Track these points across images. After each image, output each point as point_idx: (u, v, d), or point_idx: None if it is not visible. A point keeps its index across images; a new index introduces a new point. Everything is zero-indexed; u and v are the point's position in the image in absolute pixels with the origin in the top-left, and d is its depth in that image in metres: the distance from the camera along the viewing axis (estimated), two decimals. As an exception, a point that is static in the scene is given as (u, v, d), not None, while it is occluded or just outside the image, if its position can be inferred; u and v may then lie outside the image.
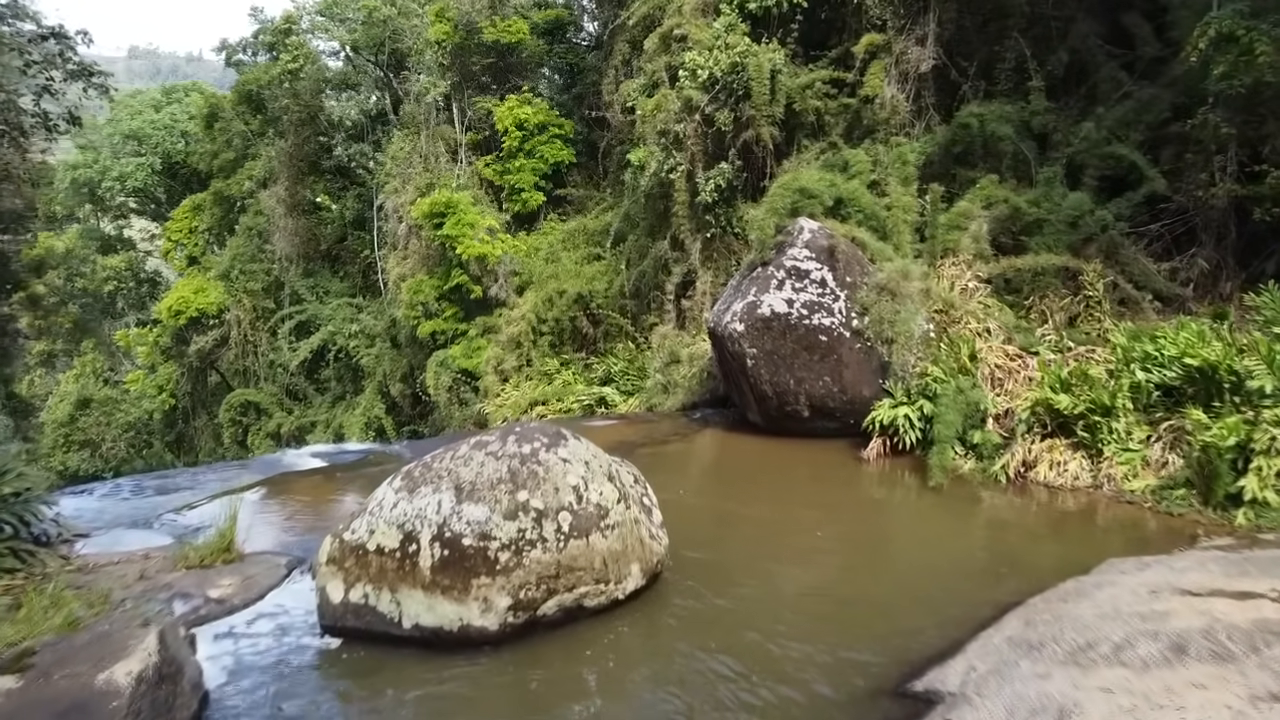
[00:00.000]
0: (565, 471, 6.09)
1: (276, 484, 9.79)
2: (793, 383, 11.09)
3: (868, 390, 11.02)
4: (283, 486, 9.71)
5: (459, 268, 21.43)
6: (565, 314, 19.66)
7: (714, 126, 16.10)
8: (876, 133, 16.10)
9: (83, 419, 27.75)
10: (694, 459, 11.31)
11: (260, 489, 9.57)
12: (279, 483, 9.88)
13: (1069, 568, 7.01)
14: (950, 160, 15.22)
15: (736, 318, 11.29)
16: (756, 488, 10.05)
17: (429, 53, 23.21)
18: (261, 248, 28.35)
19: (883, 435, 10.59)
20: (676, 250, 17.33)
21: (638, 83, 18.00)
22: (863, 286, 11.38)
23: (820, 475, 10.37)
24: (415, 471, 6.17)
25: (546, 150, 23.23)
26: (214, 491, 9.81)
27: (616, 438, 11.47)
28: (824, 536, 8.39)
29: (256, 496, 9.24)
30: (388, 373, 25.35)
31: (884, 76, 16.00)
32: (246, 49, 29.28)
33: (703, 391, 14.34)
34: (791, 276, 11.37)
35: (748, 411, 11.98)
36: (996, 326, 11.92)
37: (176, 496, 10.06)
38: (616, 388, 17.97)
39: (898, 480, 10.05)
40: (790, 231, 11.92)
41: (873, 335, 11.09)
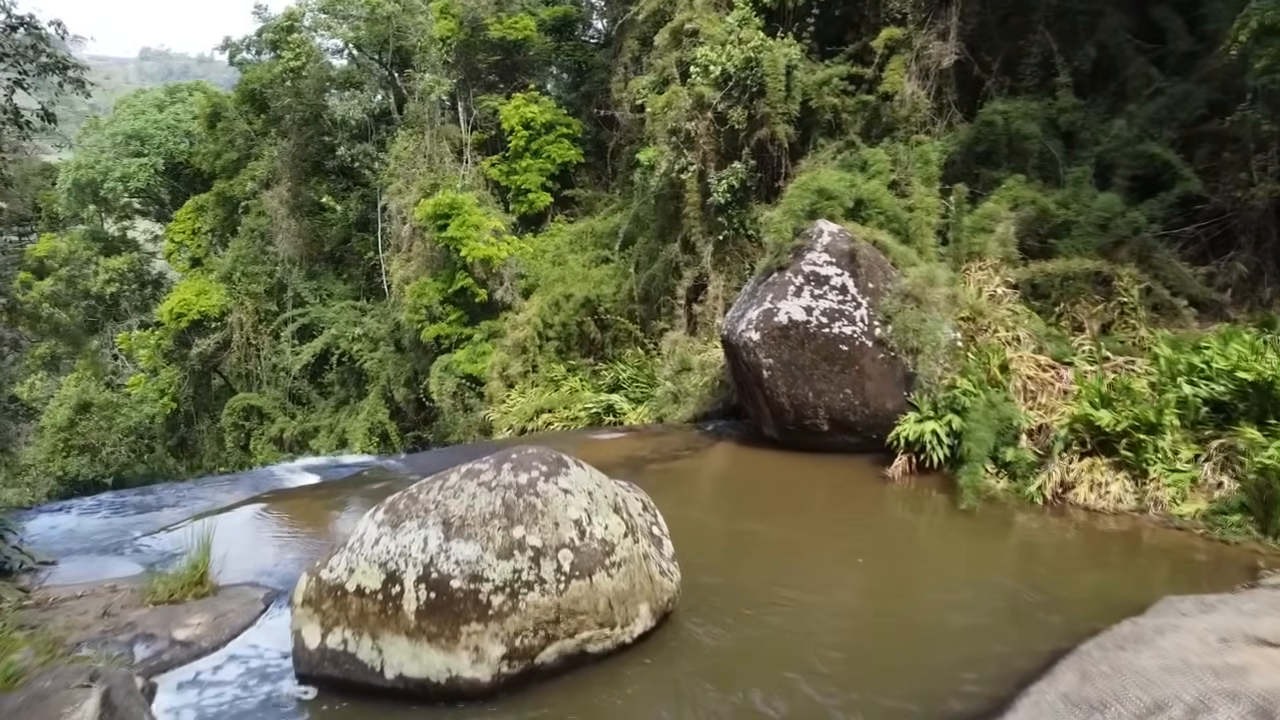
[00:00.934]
0: (566, 504, 5.47)
1: (263, 504, 9.20)
2: (811, 395, 10.46)
3: (891, 403, 10.38)
4: (269, 506, 9.12)
5: (463, 270, 20.92)
6: (572, 318, 19.08)
7: (727, 124, 15.49)
8: (896, 131, 15.49)
9: (82, 423, 27.27)
10: (706, 476, 10.68)
11: (245, 508, 8.99)
12: (266, 502, 9.29)
13: (1121, 606, 6.36)
14: (973, 160, 14.63)
15: (752, 326, 10.66)
16: (773, 509, 9.42)
17: (433, 50, 22.66)
18: (264, 249, 27.84)
19: (908, 452, 9.94)
20: (687, 253, 16.72)
21: (647, 79, 17.38)
22: (886, 293, 10.74)
23: (842, 495, 9.73)
24: (400, 504, 5.56)
25: (554, 150, 22.70)
26: (196, 511, 9.23)
27: (624, 452, 10.88)
28: (849, 563, 7.77)
29: (240, 518, 8.66)
30: (391, 377, 24.83)
31: (904, 72, 15.37)
32: (250, 47, 28.76)
33: (715, 401, 13.72)
34: (810, 282, 10.74)
35: (763, 425, 11.35)
36: (1026, 335, 11.26)
37: (158, 515, 9.50)
38: (625, 395, 17.37)
39: (925, 501, 9.41)
40: (809, 235, 11.29)
41: (897, 345, 10.45)
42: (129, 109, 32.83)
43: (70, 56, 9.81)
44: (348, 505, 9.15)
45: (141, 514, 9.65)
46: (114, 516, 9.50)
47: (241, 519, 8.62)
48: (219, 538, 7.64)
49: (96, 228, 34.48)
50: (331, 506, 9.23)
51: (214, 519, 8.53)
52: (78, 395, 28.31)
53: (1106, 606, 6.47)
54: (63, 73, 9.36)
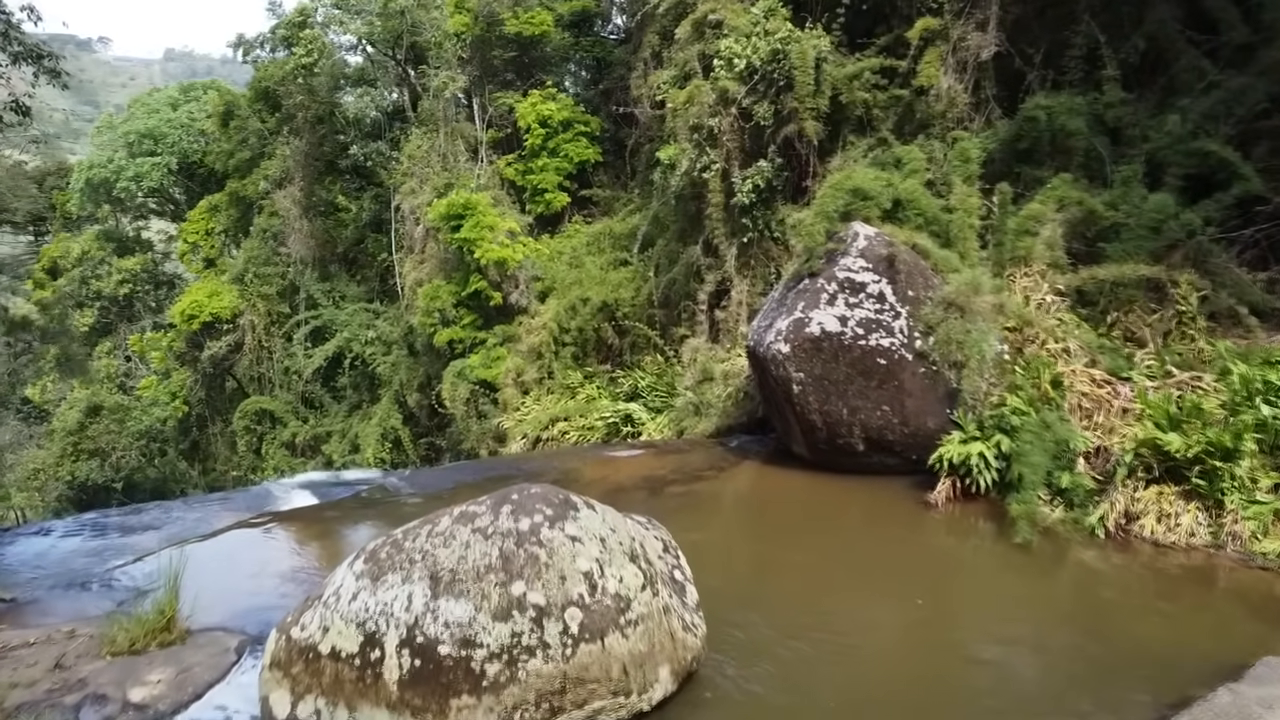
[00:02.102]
0: (574, 554, 4.71)
1: (252, 528, 8.50)
2: (846, 412, 9.64)
3: (933, 421, 9.55)
4: (258, 532, 8.41)
5: (477, 273, 20.26)
6: (589, 323, 18.36)
7: (752, 121, 14.71)
8: (931, 127, 14.67)
9: (92, 427, 26.81)
10: (731, 500, 9.87)
11: (232, 535, 8.29)
12: (255, 527, 8.58)
13: (1209, 665, 5.57)
14: (1013, 157, 13.83)
15: (781, 337, 9.85)
16: (805, 538, 8.63)
17: (447, 45, 21.98)
18: (276, 250, 27.30)
19: (952, 475, 9.11)
20: (710, 256, 15.96)
21: (668, 74, 16.63)
22: (927, 301, 9.90)
23: (880, 523, 8.92)
24: (381, 552, 4.82)
25: (571, 148, 22.02)
26: (180, 535, 8.55)
27: (643, 472, 10.11)
28: (890, 602, 6.98)
29: (224, 545, 7.97)
30: (404, 382, 24.23)
31: (940, 65, 14.54)
32: (264, 44, 28.20)
33: (739, 414, 12.92)
34: (845, 290, 9.92)
35: (792, 442, 10.54)
36: (1077, 347, 10.40)
37: (142, 538, 8.82)
38: (644, 404, 16.64)
39: (973, 531, 8.58)
40: (843, 238, 10.47)
41: (939, 358, 9.61)
42: (143, 108, 32.44)
43: (45, 44, 9.16)
44: (343, 533, 8.45)
45: (125, 536, 8.99)
46: (95, 539, 8.84)
47: (225, 547, 7.92)
48: (199, 569, 6.95)
49: (111, 228, 34.11)
50: (325, 534, 8.52)
51: (195, 547, 7.86)
52: (87, 398, 27.86)
53: (1192, 666, 5.68)
54: (37, 61, 8.72)
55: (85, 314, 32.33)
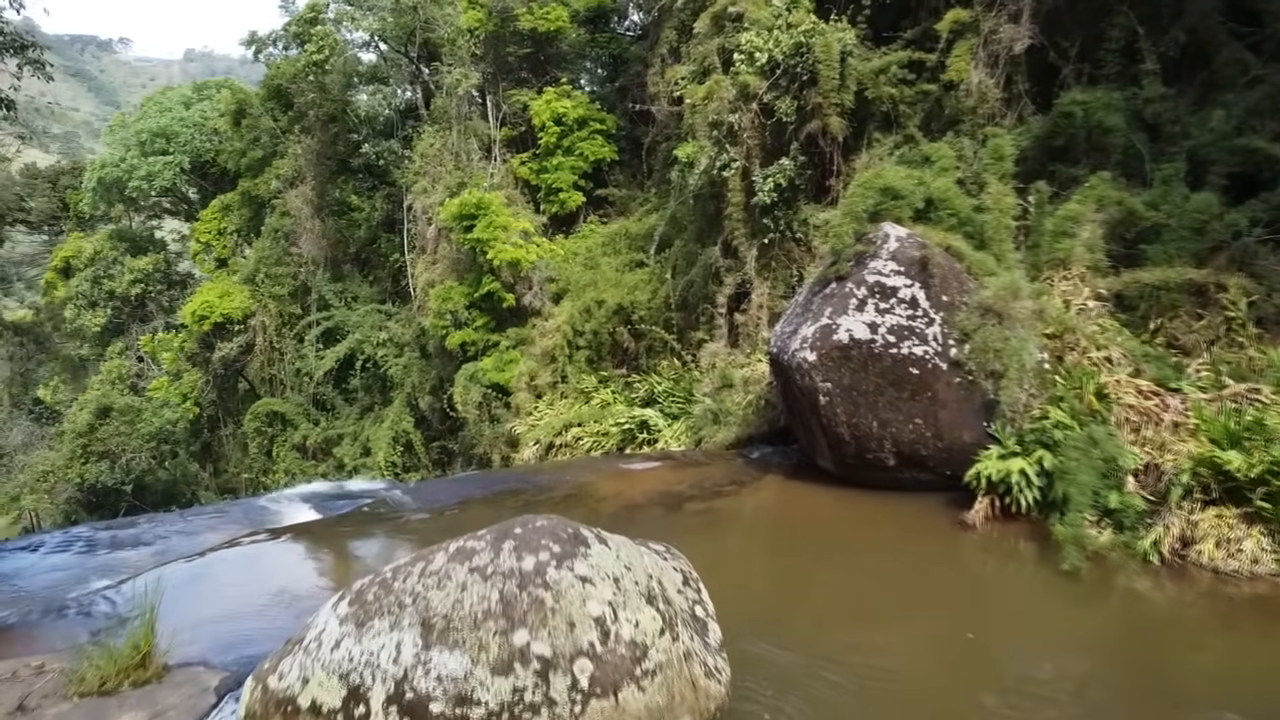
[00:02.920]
0: (585, 597, 4.18)
1: (245, 547, 8.02)
2: (876, 425, 9.07)
3: (969, 435, 8.97)
4: (252, 551, 7.94)
5: (490, 274, 19.84)
6: (604, 326, 17.86)
7: (774, 117, 14.16)
8: (961, 124, 14.09)
9: (102, 429, 26.54)
10: (754, 518, 9.30)
11: (223, 554, 7.82)
12: (249, 545, 8.11)
13: None
14: (1047, 155, 13.27)
15: (807, 345, 9.29)
16: (834, 561, 8.08)
17: (460, 41, 21.51)
18: (288, 250, 26.94)
19: (990, 494, 8.52)
20: (729, 257, 15.42)
21: (687, 69, 16.09)
22: (962, 307, 9.31)
23: (914, 545, 8.35)
24: (369, 593, 4.30)
25: (586, 147, 21.54)
26: (169, 554, 8.09)
27: (660, 486, 9.58)
28: (928, 632, 6.42)
29: (213, 566, 7.49)
30: (416, 384, 23.82)
31: (970, 59, 13.95)
32: (276, 42, 27.86)
33: (759, 422, 12.37)
34: (875, 294, 9.35)
35: (817, 456, 9.97)
36: (1120, 355, 9.79)
37: (132, 554, 8.39)
38: (660, 410, 16.12)
39: (1013, 554, 8.01)
40: (872, 239, 9.89)
41: (976, 367, 9.02)
42: (155, 106, 32.19)
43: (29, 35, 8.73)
44: (340, 552, 7.97)
45: (115, 552, 8.57)
46: (84, 555, 8.40)
47: (215, 567, 7.45)
48: (185, 592, 6.51)
49: (124, 227, 33.89)
50: (322, 553, 8.03)
51: (183, 567, 7.39)
52: (97, 400, 27.57)
53: (1259, 706, 5.10)
54: (20, 53, 8.31)
55: (97, 314, 32.10)
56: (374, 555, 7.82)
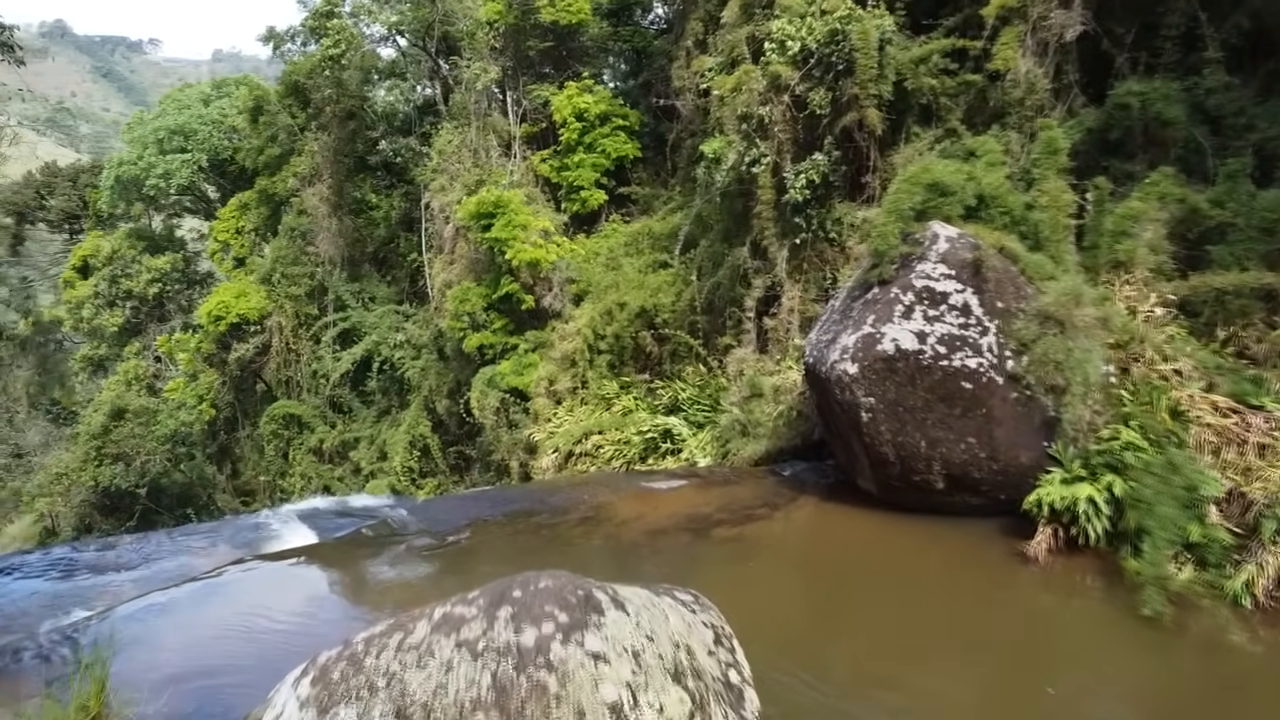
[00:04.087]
0: (597, 679, 3.42)
1: (232, 575, 7.33)
2: (924, 444, 8.25)
3: (1027, 456, 8.13)
4: (238, 580, 7.25)
5: (509, 274, 19.22)
6: (626, 330, 17.13)
7: (806, 110, 13.38)
8: (1007, 116, 13.26)
9: (116, 431, 26.12)
10: (789, 547, 8.50)
11: (206, 584, 7.13)
12: (237, 571, 7.42)
13: None
14: (1100, 150, 12.46)
15: (848, 355, 8.48)
16: (879, 598, 7.29)
17: (480, 35, 20.84)
18: (304, 250, 26.40)
19: (1053, 523, 7.68)
20: (758, 258, 14.65)
21: (714, 60, 15.30)
22: (1019, 314, 8.47)
23: (969, 581, 7.54)
24: (336, 671, 3.56)
25: (609, 144, 20.84)
26: (150, 580, 7.42)
27: (685, 508, 8.81)
28: (989, 687, 5.62)
29: (195, 598, 6.80)
30: (434, 388, 23.22)
31: (1018, 47, 13.09)
32: (295, 37, 27.35)
33: (791, 435, 11.57)
34: (923, 301, 8.52)
35: (857, 476, 9.16)
36: (1191, 367, 8.91)
37: (111, 580, 7.75)
38: (685, 418, 15.41)
39: (1080, 592, 7.18)
40: (920, 240, 9.06)
41: (1035, 381, 8.17)
42: (174, 104, 31.80)
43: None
44: (334, 584, 7.26)
45: (94, 577, 7.92)
46: (59, 581, 7.76)
47: (192, 603, 6.75)
48: (154, 634, 5.81)
49: (143, 226, 33.55)
50: (314, 585, 7.32)
51: (158, 600, 6.71)
52: (112, 401, 27.18)
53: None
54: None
55: (115, 314, 31.76)
56: (367, 592, 7.12)
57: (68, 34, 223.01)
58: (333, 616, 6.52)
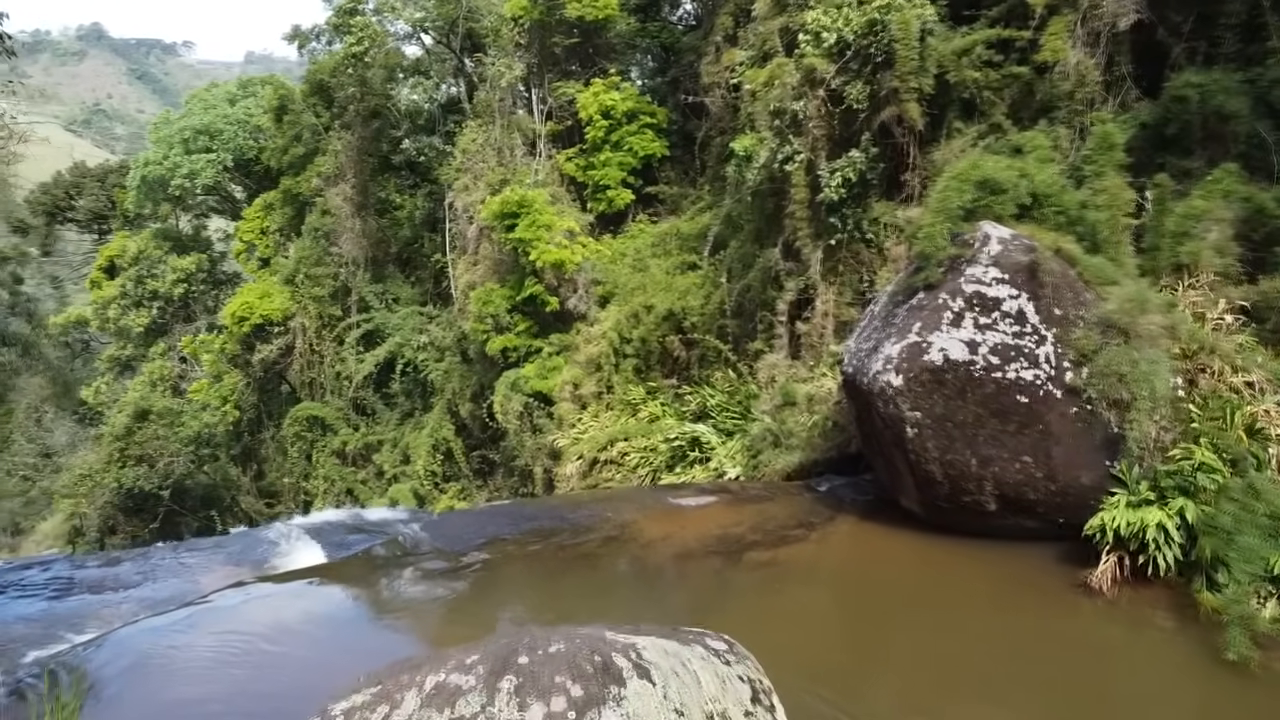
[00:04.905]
0: (616, 768, 2.87)
1: (228, 600, 6.87)
2: (975, 463, 7.64)
3: (1088, 477, 7.50)
4: (236, 604, 6.78)
5: (533, 276, 18.82)
6: (653, 334, 16.63)
7: (843, 104, 12.82)
8: (1055, 110, 12.67)
9: (140, 432, 25.98)
10: (828, 575, 7.89)
11: (200, 609, 6.67)
12: (234, 595, 6.96)
13: None
14: (1156, 145, 11.85)
15: (891, 366, 7.87)
16: (924, 627, 6.70)
17: (504, 30, 20.39)
18: (328, 250, 26.09)
19: (1118, 550, 7.04)
20: (790, 260, 14.10)
21: (745, 53, 14.73)
22: (1079, 322, 7.82)
23: (1022, 609, 6.93)
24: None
25: (636, 142, 20.30)
26: (149, 602, 6.99)
27: (714, 529, 8.25)
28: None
29: (185, 630, 6.34)
30: (457, 391, 22.83)
31: (1068, 37, 12.47)
32: (320, 36, 27.08)
33: (827, 447, 10.97)
34: (974, 307, 7.90)
35: (900, 494, 8.55)
36: (1264, 379, 8.22)
37: (109, 600, 7.35)
38: (714, 426, 14.87)
39: (1149, 628, 6.55)
40: (969, 241, 8.43)
41: (1096, 395, 7.53)
42: (200, 103, 31.66)
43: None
44: (334, 619, 6.76)
45: (92, 596, 7.54)
46: (54, 600, 7.37)
47: (188, 629, 6.30)
48: (139, 672, 5.34)
49: (169, 226, 33.49)
50: (313, 614, 6.83)
51: (148, 628, 6.26)
52: (135, 402, 27.05)
53: None
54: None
55: (141, 314, 31.69)
56: (371, 625, 6.64)
57: (104, 37, 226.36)
58: (329, 655, 6.05)
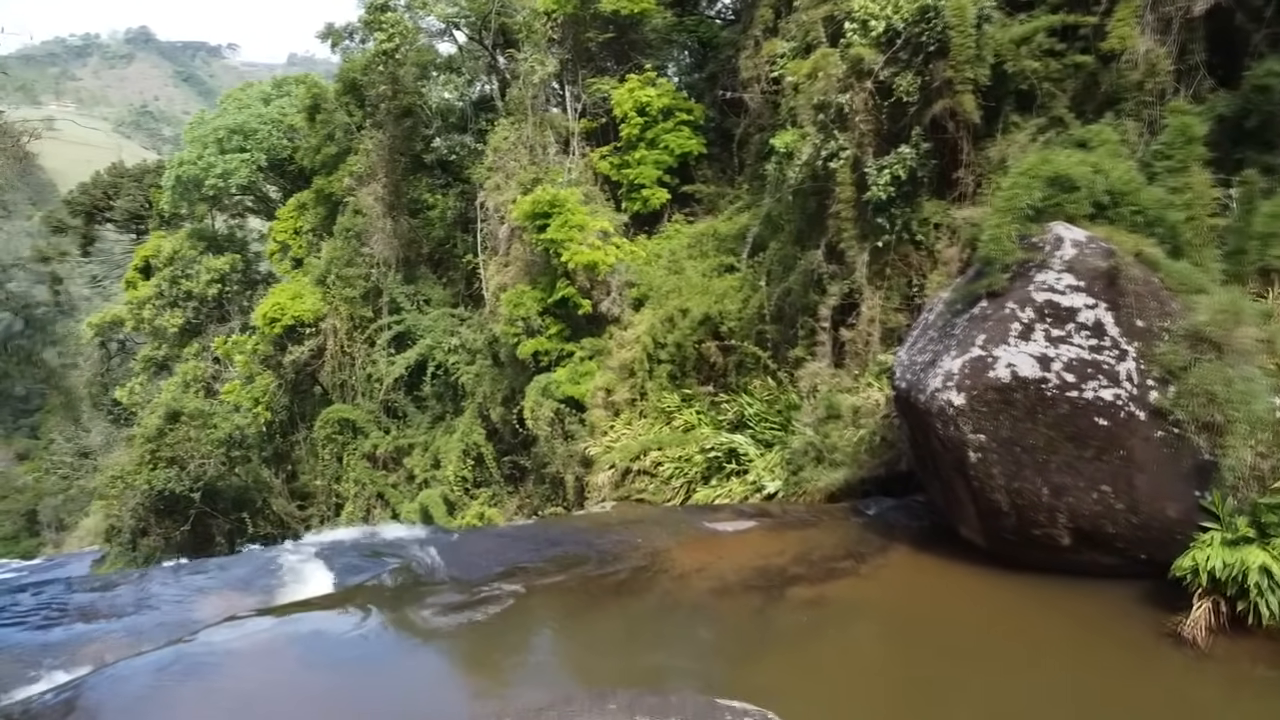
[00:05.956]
0: None
1: (222, 637, 6.29)
2: (1046, 492, 6.86)
3: (1175, 509, 6.70)
4: (230, 644, 6.20)
5: (565, 278, 18.26)
6: (689, 339, 16.00)
7: (891, 97, 12.09)
8: (1122, 102, 11.84)
9: (171, 434, 25.80)
10: (879, 615, 7.07)
11: (194, 647, 6.10)
12: (232, 630, 6.38)
13: None
14: (1233, 139, 11.00)
15: (952, 383, 7.11)
16: (996, 685, 5.92)
17: (537, 25, 19.82)
18: (359, 250, 25.72)
19: (1213, 594, 6.23)
20: (833, 263, 13.38)
21: (787, 44, 13.97)
22: (1164, 335, 7.00)
23: (1104, 663, 6.12)
24: None
25: (672, 139, 19.70)
26: (138, 632, 6.46)
27: (754, 559, 7.55)
28: None
29: (177, 667, 5.77)
30: (488, 395, 22.30)
31: (1136, 23, 11.61)
32: (353, 34, 26.73)
33: (874, 464, 10.23)
34: (1045, 318, 7.12)
35: (960, 523, 7.78)
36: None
37: (99, 629, 6.83)
38: (752, 436, 14.24)
39: (1254, 689, 5.76)
40: (1038, 245, 7.63)
41: (1185, 417, 6.71)
42: (234, 103, 31.53)
43: None
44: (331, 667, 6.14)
45: (85, 624, 7.02)
46: (41, 630, 6.87)
47: (173, 672, 5.72)
48: None
49: (204, 226, 33.44)
50: (307, 662, 6.22)
51: (126, 674, 5.70)
52: (167, 404, 26.88)
53: None
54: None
55: (175, 314, 31.63)
56: (371, 678, 6.00)
57: (151, 40, 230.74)
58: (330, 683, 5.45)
